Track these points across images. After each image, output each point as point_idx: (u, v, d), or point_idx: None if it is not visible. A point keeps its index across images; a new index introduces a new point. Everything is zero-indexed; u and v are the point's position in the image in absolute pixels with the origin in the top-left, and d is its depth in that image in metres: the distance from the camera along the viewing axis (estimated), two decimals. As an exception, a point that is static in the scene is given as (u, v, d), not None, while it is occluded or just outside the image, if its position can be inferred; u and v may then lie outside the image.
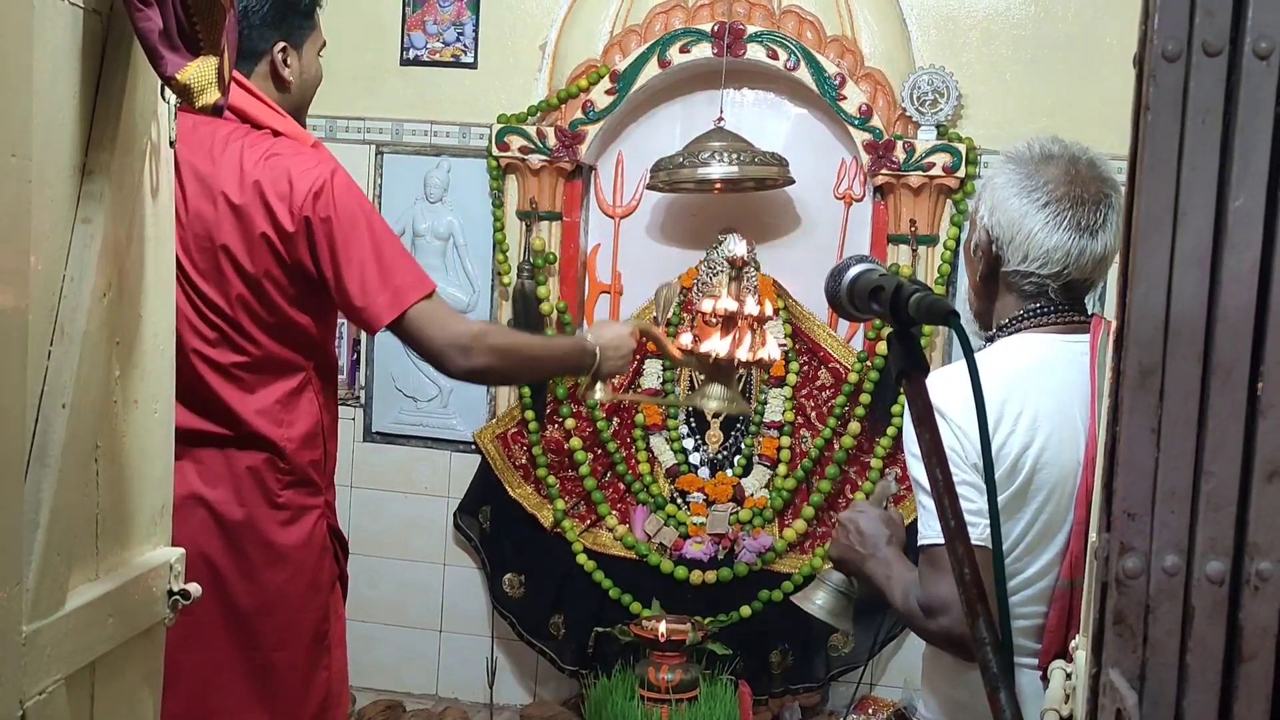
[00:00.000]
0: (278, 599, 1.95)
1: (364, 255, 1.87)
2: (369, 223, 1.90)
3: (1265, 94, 0.75)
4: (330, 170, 1.89)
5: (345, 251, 1.86)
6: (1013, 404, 1.54)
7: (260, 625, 1.93)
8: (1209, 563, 0.79)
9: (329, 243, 1.86)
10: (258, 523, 1.92)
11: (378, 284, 1.87)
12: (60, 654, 1.18)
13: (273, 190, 1.84)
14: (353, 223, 1.88)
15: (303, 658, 1.99)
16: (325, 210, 1.86)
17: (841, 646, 3.08)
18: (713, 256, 3.13)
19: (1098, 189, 1.59)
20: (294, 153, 1.89)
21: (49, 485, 1.15)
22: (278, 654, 1.96)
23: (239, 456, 1.90)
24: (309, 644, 2.00)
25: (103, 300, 1.23)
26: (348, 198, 1.89)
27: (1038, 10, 3.00)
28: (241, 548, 1.89)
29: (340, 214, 1.87)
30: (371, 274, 1.87)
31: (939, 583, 1.48)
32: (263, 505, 1.92)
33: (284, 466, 1.92)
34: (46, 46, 1.12)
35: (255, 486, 1.92)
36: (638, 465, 3.16)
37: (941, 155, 2.94)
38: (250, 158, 1.85)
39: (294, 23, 2.03)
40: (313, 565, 2.00)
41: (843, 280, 1.17)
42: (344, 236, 1.87)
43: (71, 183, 1.19)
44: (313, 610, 2.00)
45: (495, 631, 3.34)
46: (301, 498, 1.97)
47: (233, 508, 1.89)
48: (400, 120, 3.28)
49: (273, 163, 1.85)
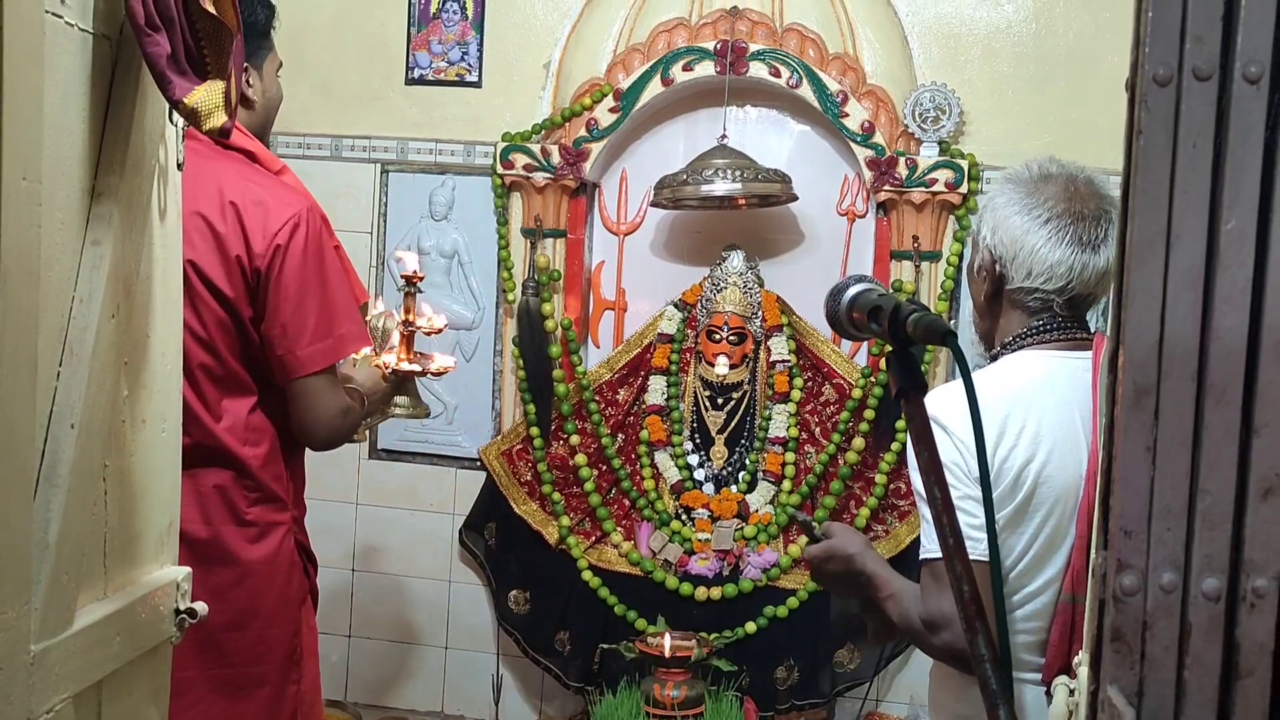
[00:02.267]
0: (247, 615, 1.96)
1: (317, 302, 1.94)
2: (326, 271, 1.96)
3: (1255, 118, 0.76)
4: (306, 209, 1.95)
5: (297, 292, 1.92)
6: (1015, 419, 1.55)
7: (230, 642, 1.95)
8: (1205, 580, 0.80)
9: (283, 277, 1.91)
10: (225, 540, 1.94)
11: (312, 333, 1.94)
12: (68, 672, 1.19)
13: (251, 217, 1.88)
14: (313, 267, 1.94)
15: (273, 673, 2.00)
16: (296, 246, 1.92)
17: (847, 662, 3.07)
18: (716, 273, 3.14)
19: (1097, 205, 1.61)
20: (272, 184, 1.96)
21: (58, 505, 1.16)
22: (248, 670, 1.98)
23: (205, 474, 1.92)
24: (280, 660, 2.01)
25: (111, 321, 1.25)
26: (316, 239, 1.95)
27: (1038, 28, 3.02)
28: (209, 566, 1.90)
29: (308, 253, 1.93)
30: (311, 322, 1.93)
31: (942, 598, 1.49)
32: (229, 523, 1.95)
33: (249, 484, 1.95)
34: (57, 71, 1.14)
35: (221, 504, 1.94)
36: (643, 481, 3.17)
37: (944, 171, 2.96)
38: (230, 182, 1.90)
39: (254, 43, 2.08)
40: (282, 581, 2.02)
41: (842, 300, 1.18)
42: (304, 277, 1.92)
43: (81, 205, 1.21)
44: (283, 626, 2.02)
45: (501, 648, 3.34)
46: (269, 514, 1.99)
47: (199, 526, 1.91)
48: (405, 139, 3.30)
49: (252, 190, 1.91)
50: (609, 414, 3.19)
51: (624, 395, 3.20)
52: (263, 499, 1.98)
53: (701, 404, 3.17)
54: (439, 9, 3.26)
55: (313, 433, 2.00)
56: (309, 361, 1.94)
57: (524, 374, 3.17)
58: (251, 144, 2.02)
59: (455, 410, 3.32)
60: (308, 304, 1.93)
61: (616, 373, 3.20)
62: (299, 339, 1.92)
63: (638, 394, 3.20)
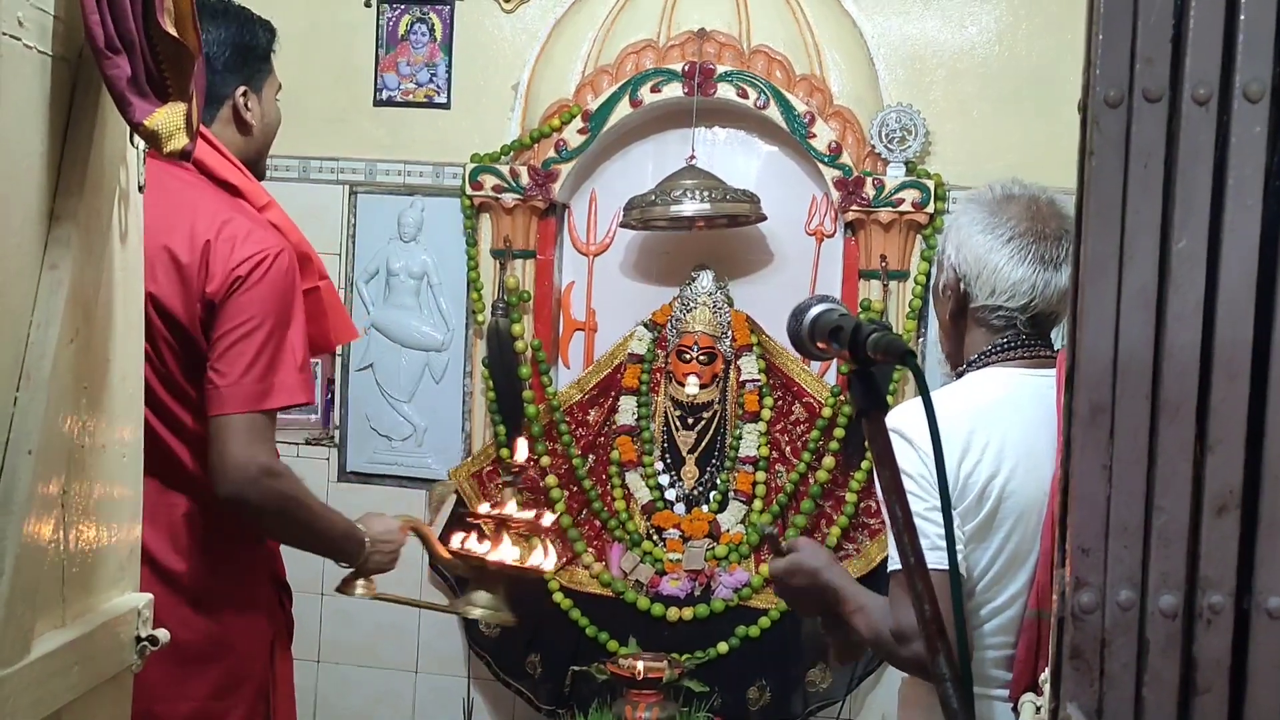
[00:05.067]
0: (218, 649, 1.91)
1: (260, 342, 1.83)
2: (283, 316, 1.86)
3: (1204, 138, 0.77)
4: (277, 250, 1.86)
5: (243, 325, 1.82)
6: (979, 435, 1.56)
7: (199, 675, 1.90)
8: (1162, 597, 0.80)
9: (231, 307, 1.82)
10: (196, 571, 1.89)
11: (243, 371, 1.81)
12: (24, 704, 1.17)
13: (218, 253, 1.82)
14: (269, 308, 1.84)
15: (243, 708, 1.96)
16: (254, 280, 1.82)
17: (819, 682, 3.07)
18: (685, 293, 3.15)
19: (1058, 225, 1.63)
20: (252, 222, 1.89)
21: (14, 532, 1.14)
22: (215, 704, 1.93)
23: (178, 503, 1.88)
24: (251, 695, 1.97)
25: (70, 345, 1.23)
26: (280, 281, 1.86)
27: (1002, 50, 3.05)
28: (179, 595, 1.86)
29: (264, 291, 1.84)
30: (247, 361, 1.82)
31: (910, 610, 1.49)
32: (199, 553, 1.89)
33: (220, 513, 1.89)
34: (13, 94, 1.13)
35: (190, 533, 1.89)
36: (614, 502, 3.16)
37: (911, 191, 2.98)
38: (205, 217, 1.84)
39: (254, 66, 2.05)
40: (253, 613, 1.98)
41: (804, 320, 1.19)
42: (253, 313, 1.83)
43: (39, 229, 1.19)
44: (255, 659, 1.98)
45: (471, 671, 3.32)
46: (240, 546, 1.95)
47: (169, 555, 1.86)
48: (374, 160, 3.29)
49: (227, 227, 1.84)
50: (579, 435, 3.19)
51: (594, 416, 3.19)
52: (233, 529, 1.93)
53: (672, 424, 3.17)
54: (407, 31, 3.26)
55: (218, 478, 1.80)
56: (230, 400, 1.80)
57: (494, 395, 3.16)
58: (237, 177, 1.95)
59: (424, 432, 3.30)
60: (252, 340, 1.82)
61: (587, 393, 3.20)
62: (228, 374, 1.81)
63: (608, 414, 3.19)
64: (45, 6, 1.18)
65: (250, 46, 2.03)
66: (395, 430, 3.31)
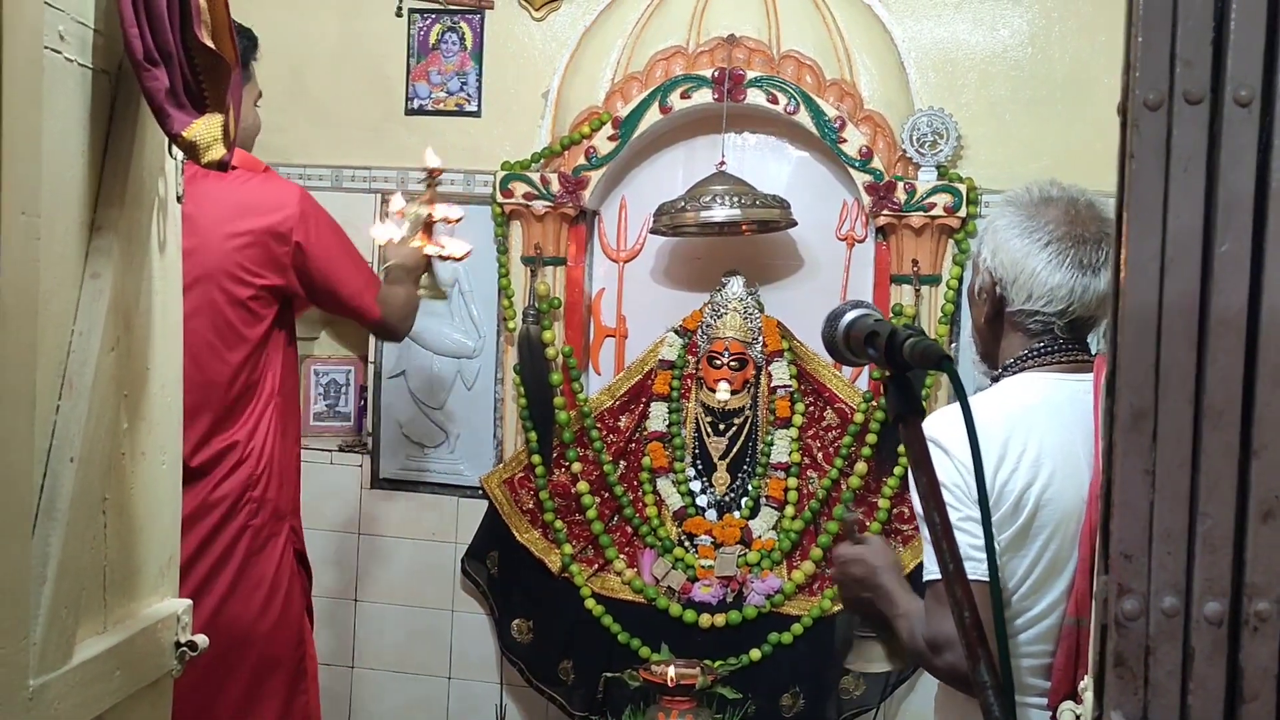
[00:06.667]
0: (253, 631, 1.98)
1: (348, 263, 2.40)
2: (340, 234, 2.41)
3: (1246, 140, 0.76)
4: (299, 194, 2.33)
5: (334, 261, 2.37)
6: (1016, 441, 1.55)
7: (239, 657, 1.95)
8: (1207, 603, 0.79)
9: (321, 255, 2.29)
10: (233, 552, 1.96)
11: (364, 283, 2.39)
12: (67, 708, 1.18)
13: (261, 214, 2.04)
14: (333, 238, 2.37)
15: (282, 687, 2.01)
16: (312, 228, 2.29)
17: (853, 689, 3.05)
18: (716, 298, 3.14)
19: (1098, 228, 1.61)
20: (264, 180, 2.15)
21: (57, 539, 1.16)
22: (257, 685, 1.98)
23: (213, 489, 1.96)
24: (289, 673, 2.03)
25: (111, 354, 1.25)
26: (321, 215, 2.35)
27: (1034, 52, 3.03)
28: (213, 579, 1.92)
29: (323, 230, 2.31)
30: (360, 275, 2.42)
31: (945, 619, 1.48)
32: (233, 534, 1.97)
33: (255, 495, 1.97)
34: (56, 107, 1.15)
35: (228, 516, 1.97)
36: (645, 508, 3.16)
37: (942, 195, 2.96)
38: (225, 191, 2.03)
39: None
40: (284, 592, 2.03)
41: (838, 326, 1.19)
42: (330, 250, 2.36)
43: (80, 239, 1.21)
44: (287, 637, 2.03)
45: (504, 678, 3.32)
46: (269, 523, 2.02)
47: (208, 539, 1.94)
48: (405, 169, 3.31)
49: (249, 190, 2.04)
50: (610, 441, 3.19)
51: (625, 422, 3.19)
52: (261, 508, 2.00)
53: (703, 430, 3.17)
54: (438, 40, 3.28)
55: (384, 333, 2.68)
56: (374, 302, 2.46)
57: (525, 402, 3.17)
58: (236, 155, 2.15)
59: (457, 439, 3.32)
60: (347, 266, 2.48)
61: (618, 399, 3.20)
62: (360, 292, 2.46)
63: (639, 421, 3.19)
64: (86, 20, 1.20)
65: None
66: (428, 437, 3.33)
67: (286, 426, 2.19)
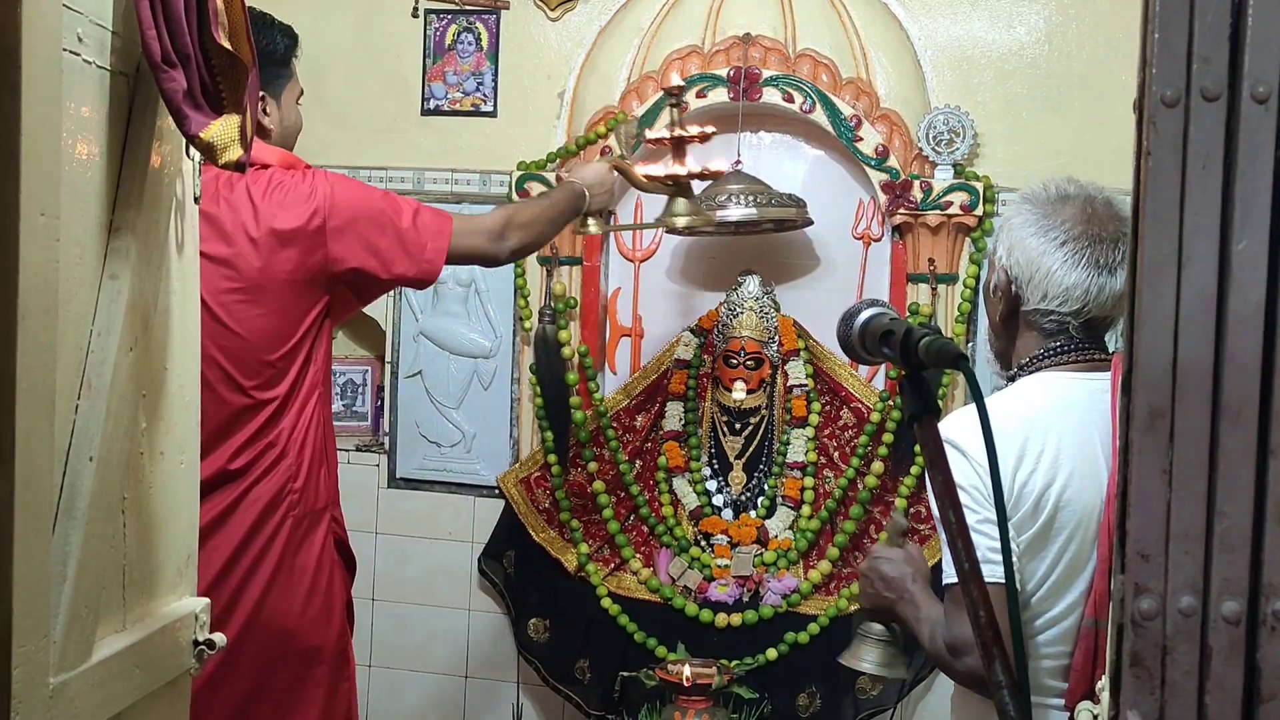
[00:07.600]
0: (297, 620, 2.00)
1: (391, 234, 2.11)
2: (381, 205, 2.12)
3: (1264, 137, 0.76)
4: (330, 182, 2.09)
5: (377, 240, 2.10)
6: (1034, 442, 1.54)
7: (283, 649, 1.97)
8: (1225, 603, 0.79)
9: (360, 239, 2.07)
10: (273, 545, 1.98)
11: (416, 245, 2.12)
12: (86, 706, 1.19)
13: (290, 214, 1.97)
14: (369, 213, 2.11)
15: (325, 674, 2.03)
16: (345, 213, 2.06)
17: (870, 689, 3.04)
18: (732, 298, 3.14)
19: (1115, 227, 1.60)
20: (294, 179, 2.08)
21: (76, 538, 1.16)
22: (302, 673, 2.00)
23: (251, 487, 1.97)
24: (331, 660, 2.04)
25: (129, 354, 1.26)
26: (353, 193, 2.10)
27: (1050, 50, 3.02)
28: (254, 573, 1.94)
29: (358, 211, 2.08)
30: (407, 242, 2.12)
31: (965, 623, 1.47)
32: (273, 528, 1.98)
33: (297, 486, 1.99)
34: (74, 108, 1.16)
35: (268, 511, 1.99)
36: (661, 508, 3.16)
37: (959, 194, 2.95)
38: (258, 192, 1.98)
39: (271, 71, 2.08)
40: (325, 580, 2.05)
41: (854, 325, 1.18)
42: (368, 229, 2.10)
43: (99, 240, 1.22)
44: (330, 625, 2.05)
45: (521, 676, 3.33)
46: (310, 515, 2.04)
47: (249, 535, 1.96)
48: (422, 169, 3.32)
49: (279, 192, 1.99)
50: (627, 440, 3.19)
51: (641, 421, 3.20)
52: (301, 499, 2.02)
53: (719, 429, 3.17)
54: (454, 41, 3.29)
55: (489, 262, 2.30)
56: (436, 258, 2.15)
57: (541, 401, 3.17)
58: (274, 153, 2.10)
59: (473, 439, 3.33)
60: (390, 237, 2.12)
61: (634, 399, 3.20)
62: (411, 261, 2.13)
63: (655, 420, 3.19)
64: (104, 22, 1.21)
65: (268, 52, 2.07)
66: (444, 437, 3.33)
67: (326, 415, 2.19)
